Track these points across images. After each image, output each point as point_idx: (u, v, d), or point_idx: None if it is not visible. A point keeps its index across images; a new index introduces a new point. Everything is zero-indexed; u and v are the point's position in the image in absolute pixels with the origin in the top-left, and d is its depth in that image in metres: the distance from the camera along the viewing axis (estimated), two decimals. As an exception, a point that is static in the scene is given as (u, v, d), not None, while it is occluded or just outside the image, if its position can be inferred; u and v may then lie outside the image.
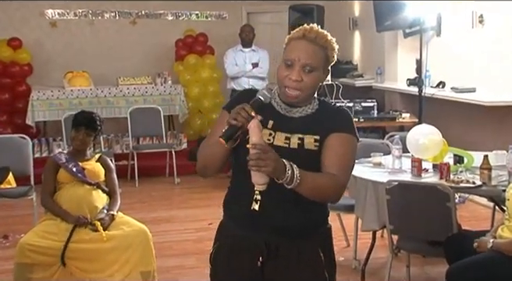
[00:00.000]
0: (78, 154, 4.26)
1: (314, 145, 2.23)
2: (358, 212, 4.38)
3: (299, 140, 2.22)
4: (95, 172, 4.23)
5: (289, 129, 2.24)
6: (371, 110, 7.29)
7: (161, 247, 4.94)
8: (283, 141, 2.22)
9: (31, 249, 3.89)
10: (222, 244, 2.35)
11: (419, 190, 3.92)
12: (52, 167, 4.20)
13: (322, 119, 2.27)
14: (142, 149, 7.95)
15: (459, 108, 6.56)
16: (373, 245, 4.57)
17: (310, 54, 2.22)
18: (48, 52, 9.18)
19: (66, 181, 4.15)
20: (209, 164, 2.27)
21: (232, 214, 2.32)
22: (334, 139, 2.24)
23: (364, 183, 4.25)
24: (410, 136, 4.45)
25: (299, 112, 2.28)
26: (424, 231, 3.92)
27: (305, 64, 2.20)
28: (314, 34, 2.24)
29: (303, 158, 2.19)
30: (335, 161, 2.22)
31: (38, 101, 8.07)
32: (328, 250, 2.35)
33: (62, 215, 4.03)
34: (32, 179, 5.73)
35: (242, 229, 2.26)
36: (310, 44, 2.23)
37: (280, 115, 2.27)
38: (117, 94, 8.37)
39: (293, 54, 2.22)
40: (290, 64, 2.21)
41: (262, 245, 2.25)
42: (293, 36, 2.26)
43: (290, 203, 2.20)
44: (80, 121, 4.24)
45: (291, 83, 2.21)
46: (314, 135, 2.24)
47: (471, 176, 4.17)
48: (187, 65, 8.92)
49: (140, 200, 6.94)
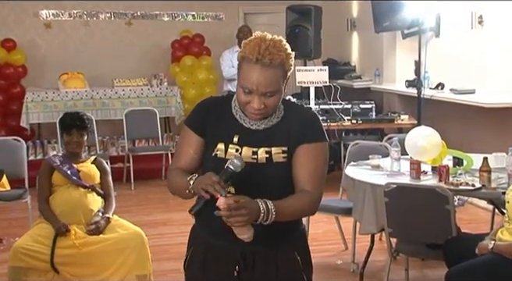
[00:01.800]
0: (73, 156, 4.26)
1: (282, 157, 2.20)
2: (356, 215, 4.38)
3: (266, 154, 2.20)
4: (90, 175, 4.23)
5: (254, 142, 2.21)
6: (369, 112, 7.30)
7: (157, 251, 4.94)
8: (251, 156, 2.19)
9: (25, 252, 3.89)
10: (195, 251, 2.34)
11: (418, 192, 3.93)
12: (47, 170, 4.20)
13: (288, 128, 2.22)
14: (138, 151, 7.95)
15: (458, 109, 6.57)
16: (371, 248, 4.57)
17: (268, 81, 2.11)
18: (43, 53, 9.18)
19: (61, 183, 4.15)
20: (178, 195, 2.29)
21: (202, 222, 2.30)
22: (304, 152, 2.21)
23: (363, 186, 4.25)
24: (408, 139, 4.45)
25: (264, 124, 2.23)
26: (423, 234, 3.92)
27: (265, 92, 2.13)
28: (268, 58, 2.09)
29: (272, 172, 2.19)
30: (307, 177, 2.20)
31: (33, 103, 8.06)
32: (304, 250, 2.34)
33: (50, 220, 4.04)
34: (26, 182, 5.73)
35: (214, 237, 2.24)
36: (266, 69, 2.10)
37: (244, 129, 2.23)
38: (112, 95, 8.37)
39: (248, 82, 2.12)
40: (248, 92, 2.14)
41: (238, 255, 2.23)
42: (244, 55, 2.12)
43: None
44: (69, 124, 4.21)
45: (254, 110, 2.16)
46: (281, 146, 2.21)
47: (471, 178, 4.18)
48: (183, 67, 8.93)
49: (136, 203, 6.93)
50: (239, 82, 2.17)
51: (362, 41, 8.86)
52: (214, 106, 2.29)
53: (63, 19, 9.33)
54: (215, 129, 2.24)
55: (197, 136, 2.27)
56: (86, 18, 9.38)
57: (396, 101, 7.86)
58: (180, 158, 2.29)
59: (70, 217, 4.04)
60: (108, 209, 4.19)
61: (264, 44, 2.11)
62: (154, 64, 9.24)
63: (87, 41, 9.38)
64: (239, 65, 2.17)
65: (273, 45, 2.12)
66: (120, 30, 9.48)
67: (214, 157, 2.23)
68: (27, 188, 5.65)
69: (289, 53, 2.16)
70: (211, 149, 2.24)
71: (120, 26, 9.49)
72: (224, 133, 2.22)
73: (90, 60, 9.14)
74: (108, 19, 9.48)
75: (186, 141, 2.28)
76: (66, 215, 4.04)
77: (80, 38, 9.38)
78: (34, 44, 9.12)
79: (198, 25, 9.58)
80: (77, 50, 9.29)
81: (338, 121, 7.09)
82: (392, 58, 8.05)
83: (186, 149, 2.27)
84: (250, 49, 2.11)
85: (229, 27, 9.34)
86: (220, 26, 9.68)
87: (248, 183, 2.16)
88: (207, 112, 2.27)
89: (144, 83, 8.61)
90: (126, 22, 9.50)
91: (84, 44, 9.35)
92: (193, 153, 2.27)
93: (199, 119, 2.27)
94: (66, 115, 4.35)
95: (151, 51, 9.41)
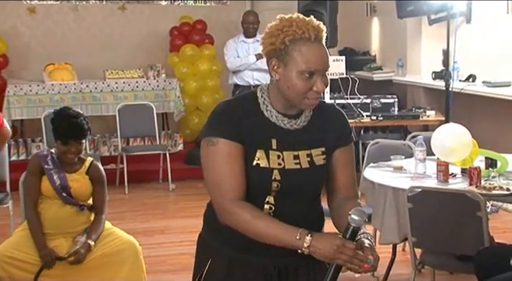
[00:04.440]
0: (66, 162, 4.11)
1: (322, 159, 2.31)
2: (376, 223, 4.38)
3: (308, 158, 2.28)
4: (82, 192, 4.09)
5: (293, 146, 2.27)
6: (391, 107, 7.29)
7: (153, 262, 4.96)
8: (293, 162, 2.26)
9: (10, 262, 3.88)
10: (214, 264, 2.35)
11: (445, 197, 3.92)
12: (37, 170, 4.06)
13: (322, 127, 2.32)
14: (132, 151, 7.96)
15: (491, 104, 6.56)
16: (393, 260, 4.59)
17: (327, 56, 2.21)
18: (26, 42, 9.21)
19: (48, 195, 4.04)
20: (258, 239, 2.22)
21: (224, 237, 2.31)
22: (342, 156, 2.36)
23: (383, 190, 4.25)
24: (435, 137, 4.45)
25: (296, 124, 2.28)
26: (452, 244, 3.92)
27: (325, 70, 2.21)
28: (321, 34, 2.20)
29: (315, 176, 2.30)
30: (351, 182, 2.38)
31: (15, 97, 8.09)
32: None
33: (35, 239, 3.94)
34: (8, 186, 5.74)
35: (237, 251, 2.29)
36: (321, 47, 2.21)
37: (279, 130, 2.26)
38: (104, 89, 8.39)
39: (314, 63, 2.17)
40: (309, 76, 2.17)
41: (271, 269, 2.29)
42: (296, 36, 2.16)
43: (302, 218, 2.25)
44: (67, 134, 3.98)
45: (317, 94, 2.21)
46: (319, 147, 2.31)
47: (505, 181, 4.17)
48: (183, 57, 8.95)
49: (130, 209, 6.96)
50: (294, 68, 2.17)
51: (383, 28, 8.85)
52: (240, 108, 2.27)
53: (49, 4, 9.36)
54: (250, 135, 2.23)
55: (238, 144, 2.21)
56: (74, 2, 9.41)
57: (422, 95, 7.86)
58: (232, 180, 2.19)
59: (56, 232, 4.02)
60: (94, 231, 4.04)
61: (310, 21, 2.20)
62: (151, 54, 9.27)
63: (76, 28, 9.40)
64: (285, 51, 2.17)
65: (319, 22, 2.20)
66: (113, 16, 9.50)
67: (256, 166, 2.23)
68: (9, 192, 5.66)
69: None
70: (251, 158, 2.23)
71: (113, 11, 9.51)
72: (260, 138, 2.23)
73: (79, 49, 9.17)
74: (100, 3, 9.51)
75: (226, 158, 2.19)
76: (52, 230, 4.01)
77: (68, 25, 9.40)
78: (16, 32, 9.15)
79: (200, 10, 9.59)
80: (65, 38, 9.32)
81: (356, 117, 7.09)
82: (418, 47, 8.05)
83: (232, 167, 2.19)
84: (301, 28, 2.16)
85: (234, 13, 9.34)
86: (224, 11, 9.70)
87: (294, 190, 2.25)
88: (237, 116, 2.24)
89: (139, 75, 8.63)
90: (120, 6, 9.53)
91: (72, 32, 9.38)
92: (241, 168, 2.21)
93: (232, 126, 2.21)
94: (61, 121, 4.02)
95: (147, 40, 9.44)
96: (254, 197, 2.24)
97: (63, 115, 4.08)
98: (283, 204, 2.25)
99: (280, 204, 2.25)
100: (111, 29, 9.47)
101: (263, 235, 2.16)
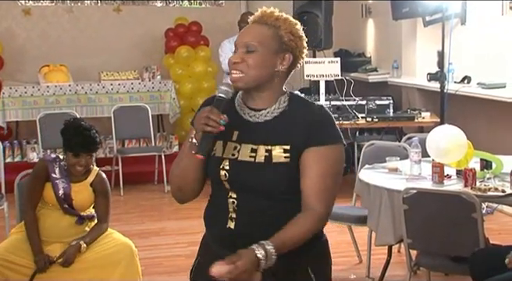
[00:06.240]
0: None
1: (283, 157, 2.20)
2: (372, 224, 4.39)
3: (266, 153, 2.21)
4: (84, 203, 4.09)
5: (254, 139, 2.23)
6: (386, 108, 7.30)
7: (149, 264, 4.95)
8: (249, 155, 2.22)
9: (3, 264, 3.87)
10: (202, 262, 2.35)
11: (441, 199, 3.93)
12: (43, 175, 4.03)
13: (293, 124, 2.22)
14: (128, 153, 7.96)
15: (486, 106, 6.56)
16: (389, 261, 4.57)
17: (251, 33, 2.24)
18: (21, 43, 9.19)
19: (50, 202, 4.03)
20: (183, 185, 2.32)
21: (213, 232, 2.35)
22: (311, 157, 2.19)
23: (379, 192, 4.26)
24: (430, 139, 4.45)
25: (264, 115, 2.26)
26: (447, 246, 3.92)
27: (245, 44, 2.23)
28: (260, 14, 2.28)
29: (271, 174, 2.19)
30: (312, 189, 2.17)
31: (10, 99, 8.07)
32: (322, 269, 2.32)
33: (31, 243, 3.93)
34: (3, 188, 5.74)
35: (222, 248, 2.26)
36: (255, 24, 2.27)
37: (244, 122, 2.27)
38: (99, 90, 8.38)
39: (237, 39, 2.27)
40: (234, 50, 2.25)
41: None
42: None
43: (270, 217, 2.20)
44: (79, 147, 3.96)
45: (232, 66, 2.24)
46: (283, 145, 2.20)
47: (500, 183, 4.18)
48: (179, 58, 8.94)
49: (125, 211, 6.94)
50: None
51: (378, 30, 8.86)
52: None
53: (44, 5, 9.35)
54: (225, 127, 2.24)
55: None
56: (69, 4, 9.39)
57: (417, 96, 7.86)
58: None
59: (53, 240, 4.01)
60: (88, 236, 4.02)
61: (262, 10, 2.29)
62: (146, 55, 9.25)
63: (71, 30, 9.39)
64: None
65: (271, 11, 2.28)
66: (108, 17, 9.49)
67: (212, 157, 2.26)
68: (4, 194, 5.65)
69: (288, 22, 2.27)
70: (212, 150, 2.27)
71: (108, 12, 9.50)
72: (226, 130, 2.22)
73: (74, 51, 9.15)
74: (95, 5, 9.50)
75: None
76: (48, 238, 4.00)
77: (63, 26, 9.39)
78: (11, 33, 9.13)
79: (195, 11, 9.59)
80: (60, 39, 9.30)
81: (351, 119, 7.10)
82: (413, 49, 8.05)
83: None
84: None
85: (229, 14, 9.34)
86: (219, 12, 9.69)
87: (248, 185, 2.20)
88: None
89: (134, 77, 8.62)
90: (115, 8, 9.52)
91: (67, 33, 9.36)
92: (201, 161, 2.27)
93: None
94: (74, 133, 3.99)
95: (142, 41, 9.42)
96: (218, 191, 2.30)
97: (76, 127, 4.05)
98: (246, 199, 2.22)
99: (243, 199, 2.22)
100: (106, 30, 9.45)
101: (176, 172, 2.37)
